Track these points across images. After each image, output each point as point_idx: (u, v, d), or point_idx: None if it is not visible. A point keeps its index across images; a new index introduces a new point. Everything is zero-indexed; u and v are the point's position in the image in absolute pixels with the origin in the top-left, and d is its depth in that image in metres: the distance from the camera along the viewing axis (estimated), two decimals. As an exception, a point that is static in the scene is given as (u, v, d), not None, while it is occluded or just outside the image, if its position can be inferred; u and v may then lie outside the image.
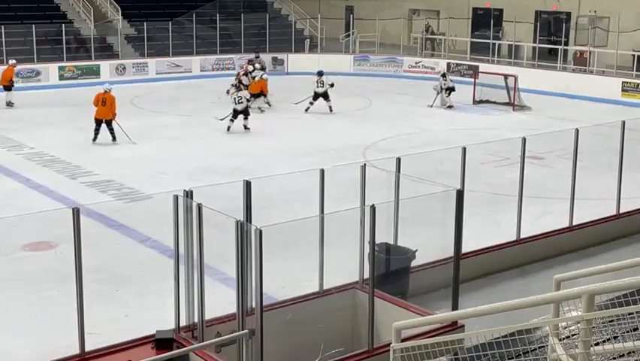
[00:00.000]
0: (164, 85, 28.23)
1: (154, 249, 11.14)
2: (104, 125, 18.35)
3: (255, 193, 7.67)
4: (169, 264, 7.78)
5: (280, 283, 8.85)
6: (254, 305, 6.89)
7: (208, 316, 7.39)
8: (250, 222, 7.04)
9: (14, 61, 24.62)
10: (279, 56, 31.82)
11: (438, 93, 24.03)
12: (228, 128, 19.89)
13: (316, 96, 22.73)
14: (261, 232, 6.47)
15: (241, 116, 19.97)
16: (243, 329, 6.88)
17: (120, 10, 31.12)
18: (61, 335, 7.60)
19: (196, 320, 7.39)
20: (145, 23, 30.20)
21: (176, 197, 7.31)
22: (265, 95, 23.31)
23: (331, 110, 22.65)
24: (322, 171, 8.49)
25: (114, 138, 18.27)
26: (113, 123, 18.38)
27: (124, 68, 29.16)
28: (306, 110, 22.71)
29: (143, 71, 29.53)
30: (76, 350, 7.05)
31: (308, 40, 33.81)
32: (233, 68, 30.72)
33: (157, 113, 22.90)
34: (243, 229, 6.81)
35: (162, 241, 10.73)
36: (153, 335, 7.38)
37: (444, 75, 24.41)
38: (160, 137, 19.38)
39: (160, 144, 18.51)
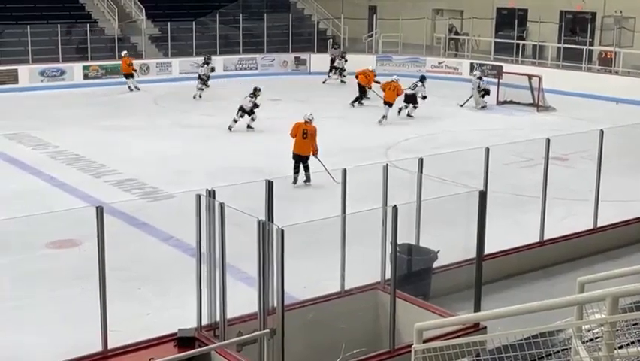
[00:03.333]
0: (188, 84, 28.37)
1: (176, 248, 11.19)
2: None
3: (276, 193, 7.68)
4: (191, 263, 7.81)
5: (301, 282, 8.85)
6: (275, 305, 6.90)
7: (229, 315, 7.41)
8: (272, 222, 7.05)
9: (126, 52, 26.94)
10: (302, 55, 31.85)
11: (472, 95, 23.93)
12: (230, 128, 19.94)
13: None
14: (282, 231, 6.48)
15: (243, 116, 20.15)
16: (264, 329, 6.89)
17: (144, 10, 31.31)
18: (84, 333, 7.65)
19: (218, 318, 7.41)
20: (169, 23, 30.38)
21: (199, 196, 7.34)
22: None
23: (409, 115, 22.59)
24: (344, 171, 8.48)
25: (308, 179, 14.95)
26: (312, 159, 15.10)
27: (148, 68, 29.33)
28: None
29: (166, 71, 29.70)
30: (99, 348, 7.11)
31: (331, 40, 33.81)
32: (256, 68, 30.84)
33: (181, 113, 23.01)
34: (264, 229, 6.83)
35: (184, 240, 10.77)
36: (175, 334, 7.42)
37: (480, 77, 24.31)
38: (184, 136, 19.47)
39: (184, 144, 18.58)
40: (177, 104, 24.64)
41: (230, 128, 19.93)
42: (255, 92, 19.90)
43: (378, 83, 23.50)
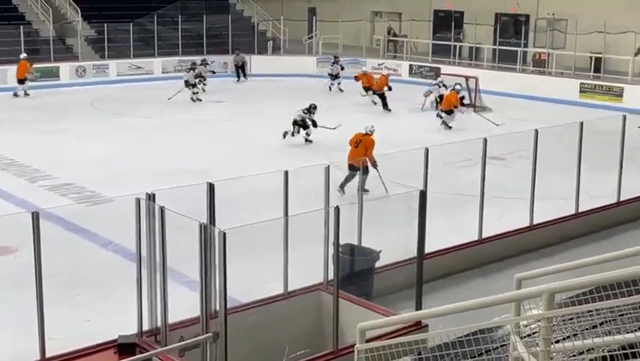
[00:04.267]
0: (125, 87, 27.97)
1: (116, 253, 11.02)
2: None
3: (220, 195, 7.64)
4: (131, 268, 7.70)
5: (244, 285, 8.82)
6: (218, 308, 6.86)
7: (171, 320, 7.34)
8: (214, 225, 7.02)
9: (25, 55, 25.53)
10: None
11: (428, 98, 24.06)
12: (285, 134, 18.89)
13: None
14: (224, 234, 6.45)
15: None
16: (206, 333, 6.84)
17: (80, 11, 30.75)
18: (22, 341, 7.48)
19: (159, 324, 7.34)
20: (105, 24, 29.88)
21: (138, 200, 7.25)
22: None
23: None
24: (286, 173, 8.49)
25: (364, 190, 13.04)
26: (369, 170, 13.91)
27: (84, 70, 28.81)
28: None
29: (103, 73, 29.22)
30: (36, 356, 6.95)
31: (271, 41, 33.77)
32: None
33: (118, 115, 22.67)
34: (206, 232, 6.79)
35: (124, 245, 10.61)
36: (116, 340, 7.31)
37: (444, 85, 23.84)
38: (122, 139, 19.18)
39: (122, 147, 18.31)
40: (115, 106, 24.26)
41: (284, 136, 18.75)
42: (311, 109, 18.88)
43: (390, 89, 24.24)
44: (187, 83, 24.91)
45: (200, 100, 24.73)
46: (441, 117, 21.32)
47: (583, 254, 5.58)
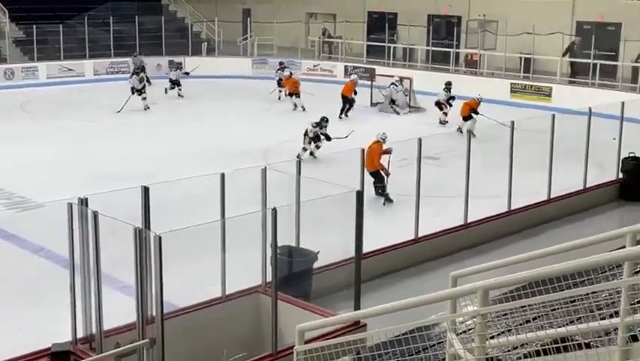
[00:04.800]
0: (56, 89, 27.35)
1: (48, 259, 10.76)
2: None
3: (156, 199, 7.54)
4: (64, 274, 7.54)
5: (181, 289, 8.72)
6: (154, 313, 6.77)
7: (107, 326, 7.22)
8: (149, 229, 6.92)
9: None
10: (176, 59, 31.37)
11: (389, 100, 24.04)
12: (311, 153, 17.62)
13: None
14: (160, 238, 6.37)
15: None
16: (143, 338, 6.75)
17: (7, 12, 29.91)
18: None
19: (94, 330, 7.20)
20: (34, 26, 29.15)
21: (71, 205, 7.11)
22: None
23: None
24: (223, 175, 8.44)
25: (386, 199, 14.01)
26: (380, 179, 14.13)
27: (12, 73, 28.07)
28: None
29: (33, 76, 28.50)
30: (-34, 368, 6.75)
31: (205, 43, 33.50)
32: (129, 72, 30.10)
33: (50, 119, 22.14)
34: (141, 236, 6.69)
35: (56, 251, 10.38)
36: (49, 349, 7.14)
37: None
38: (55, 143, 18.73)
39: (55, 151, 17.87)
40: (46, 110, 23.68)
41: (298, 157, 16.56)
42: (322, 123, 17.80)
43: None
44: (133, 90, 23.56)
45: (148, 108, 23.44)
46: (461, 131, 19.68)
47: (516, 251, 5.71)
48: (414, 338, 4.79)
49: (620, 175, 14.67)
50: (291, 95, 24.56)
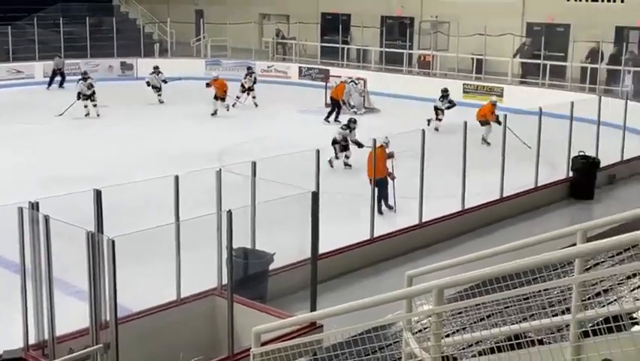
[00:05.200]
0: (5, 92, 26.79)
1: (-1, 265, 10.53)
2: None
3: (109, 202, 7.44)
4: (15, 279, 7.39)
5: (136, 293, 8.62)
6: (108, 318, 6.69)
7: (60, 332, 7.10)
8: (102, 233, 6.83)
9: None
10: (128, 60, 31.03)
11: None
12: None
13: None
14: (113, 242, 6.29)
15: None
16: (96, 344, 6.66)
17: (-46, 13, 29.27)
18: None
19: (46, 336, 7.08)
20: (-18, 28, 28.57)
21: (21, 209, 6.98)
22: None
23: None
24: (177, 178, 8.37)
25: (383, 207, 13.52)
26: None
27: (-41, 75, 27.46)
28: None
29: (-20, 78, 27.92)
30: None
31: (157, 44, 33.18)
32: (79, 73, 29.64)
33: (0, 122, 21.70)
34: (94, 240, 6.61)
35: (6, 256, 10.16)
36: (0, 356, 7.00)
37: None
38: (4, 147, 18.34)
39: (5, 155, 17.50)
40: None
41: (331, 164, 16.52)
42: (350, 125, 16.97)
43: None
44: (80, 95, 22.53)
45: (99, 115, 22.57)
46: (487, 142, 18.61)
47: (470, 250, 5.77)
48: (370, 337, 4.81)
49: (570, 174, 14.95)
50: (216, 98, 23.44)
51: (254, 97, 25.01)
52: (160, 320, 8.00)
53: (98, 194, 7.29)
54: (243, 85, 25.13)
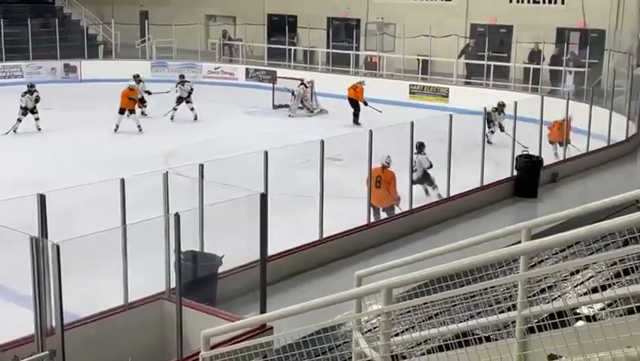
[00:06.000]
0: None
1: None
2: None
3: (55, 207, 7.30)
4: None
5: (82, 299, 8.48)
6: (54, 324, 6.56)
7: (3, 339, 6.94)
8: (46, 238, 6.70)
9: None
10: (72, 62, 30.50)
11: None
12: None
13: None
14: (58, 247, 6.18)
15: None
16: (42, 351, 6.54)
17: None
18: None
19: (-10, 345, 6.91)
20: None
21: (-39, 215, 6.80)
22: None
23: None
24: (122, 181, 8.26)
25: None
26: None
27: None
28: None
29: None
30: None
31: (102, 46, 32.69)
32: (22, 76, 29.02)
33: None
34: (38, 245, 6.48)
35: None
36: (-60, 367, 6.82)
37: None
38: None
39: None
40: None
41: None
42: (421, 149, 14.48)
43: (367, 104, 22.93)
44: (24, 110, 20.92)
45: (40, 129, 21.04)
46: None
47: (418, 249, 5.83)
48: (320, 338, 4.82)
49: (515, 172, 15.22)
50: (122, 111, 21.35)
51: (192, 108, 22.83)
52: (107, 325, 7.89)
53: (42, 198, 7.14)
54: (180, 97, 23.15)
